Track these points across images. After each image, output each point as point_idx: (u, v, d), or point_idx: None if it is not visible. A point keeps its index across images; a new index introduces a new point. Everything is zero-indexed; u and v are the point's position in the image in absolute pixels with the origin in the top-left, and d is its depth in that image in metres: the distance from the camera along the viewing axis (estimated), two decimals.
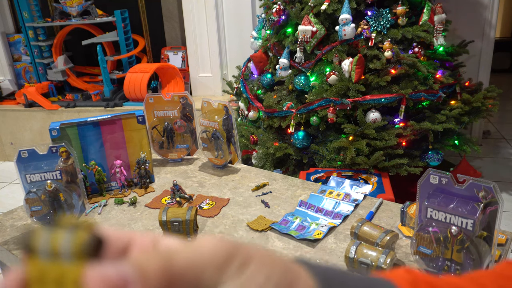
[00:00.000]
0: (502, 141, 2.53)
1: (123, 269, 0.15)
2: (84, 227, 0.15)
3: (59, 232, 0.15)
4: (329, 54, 1.61)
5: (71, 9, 3.00)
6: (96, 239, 0.15)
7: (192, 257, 0.16)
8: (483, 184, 0.90)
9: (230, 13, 2.68)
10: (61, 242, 0.15)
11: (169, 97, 1.33)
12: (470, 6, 2.16)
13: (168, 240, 0.18)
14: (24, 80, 3.32)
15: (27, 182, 0.93)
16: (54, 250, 0.15)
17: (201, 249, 0.17)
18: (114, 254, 0.17)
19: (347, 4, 1.54)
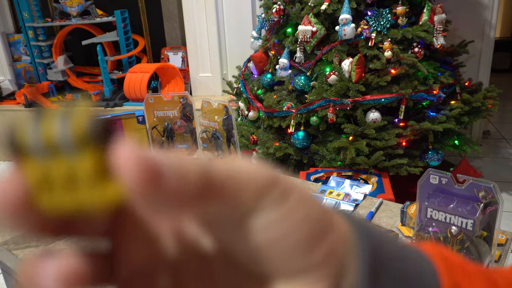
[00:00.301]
0: (502, 141, 2.53)
1: (160, 157, 0.12)
2: (79, 112, 0.12)
3: (49, 122, 0.12)
4: (329, 54, 1.61)
5: (71, 9, 3.00)
6: (98, 122, 0.12)
7: (232, 173, 0.15)
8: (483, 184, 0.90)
9: (230, 13, 2.69)
10: (56, 132, 0.12)
11: (169, 97, 1.34)
12: (470, 6, 2.16)
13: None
14: (24, 80, 3.32)
15: None
16: (50, 144, 0.12)
17: (242, 168, 0.15)
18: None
19: (347, 4, 1.54)
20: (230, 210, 0.15)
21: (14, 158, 0.12)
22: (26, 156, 0.12)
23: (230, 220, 0.15)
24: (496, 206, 0.88)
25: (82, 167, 0.12)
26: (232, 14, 2.68)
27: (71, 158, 0.12)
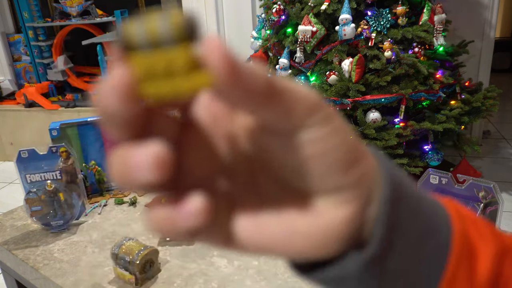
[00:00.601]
0: (502, 141, 2.53)
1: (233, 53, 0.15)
2: (175, 13, 0.14)
3: (152, 21, 0.14)
4: (329, 54, 1.61)
5: (71, 9, 3.00)
6: (191, 19, 0.14)
7: (290, 87, 0.16)
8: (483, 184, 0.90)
9: (230, 13, 2.68)
10: (158, 30, 0.14)
11: None
12: (470, 6, 2.16)
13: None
14: (24, 80, 3.32)
15: (27, 182, 0.93)
16: (152, 40, 0.14)
17: (295, 85, 0.17)
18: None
19: (347, 4, 1.54)
20: (284, 119, 0.16)
21: (123, 53, 0.14)
22: (133, 51, 0.14)
23: (282, 129, 0.17)
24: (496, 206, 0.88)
25: (179, 58, 0.14)
26: (232, 14, 2.68)
27: (170, 51, 0.14)
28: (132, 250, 0.74)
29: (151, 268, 0.75)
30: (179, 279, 0.75)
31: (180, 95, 0.14)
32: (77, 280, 0.76)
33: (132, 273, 0.72)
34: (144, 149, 0.15)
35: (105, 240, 0.91)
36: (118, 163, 0.15)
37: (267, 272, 0.75)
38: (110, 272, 0.78)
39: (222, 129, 0.18)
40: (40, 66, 3.15)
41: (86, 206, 1.06)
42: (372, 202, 0.19)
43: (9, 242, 0.92)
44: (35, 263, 0.83)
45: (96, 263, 0.82)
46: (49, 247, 0.89)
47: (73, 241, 0.91)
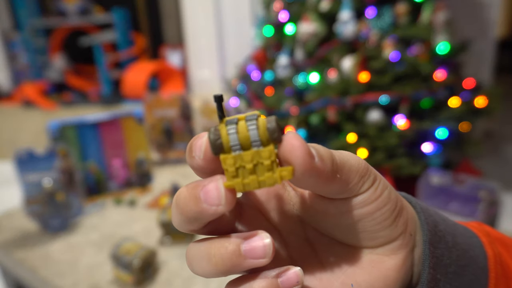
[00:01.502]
0: (503, 141, 2.53)
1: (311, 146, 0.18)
2: (261, 120, 0.17)
3: (243, 128, 0.17)
4: (329, 54, 1.61)
5: (69, 8, 2.99)
6: (274, 126, 0.17)
7: (343, 158, 0.19)
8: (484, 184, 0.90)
9: (230, 12, 2.68)
10: (250, 136, 0.17)
11: (168, 97, 1.33)
12: (472, 5, 2.16)
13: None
14: (22, 79, 3.31)
15: (25, 182, 0.93)
16: (244, 144, 0.17)
17: (348, 155, 0.20)
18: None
19: (347, 3, 1.54)
20: (342, 191, 0.19)
21: (215, 154, 0.17)
22: (225, 153, 0.17)
23: (339, 197, 0.19)
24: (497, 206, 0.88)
25: (265, 158, 0.17)
26: (232, 12, 2.67)
27: (257, 152, 0.17)
28: (131, 250, 0.73)
29: (150, 269, 0.75)
30: (179, 280, 0.74)
31: (263, 187, 0.17)
32: (76, 281, 0.76)
33: (131, 274, 0.72)
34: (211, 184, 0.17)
35: (103, 240, 0.90)
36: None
37: None
38: (109, 273, 0.77)
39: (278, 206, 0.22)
40: (38, 65, 3.14)
41: (85, 206, 1.06)
42: (416, 246, 0.21)
43: (7, 243, 0.92)
44: (33, 264, 0.82)
45: (95, 264, 0.81)
46: (48, 247, 0.89)
47: (72, 242, 0.90)
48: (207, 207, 0.17)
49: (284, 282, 0.18)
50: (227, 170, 0.17)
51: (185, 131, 1.36)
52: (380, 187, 0.20)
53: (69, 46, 3.31)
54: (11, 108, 2.94)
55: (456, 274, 0.21)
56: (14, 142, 2.92)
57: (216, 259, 0.18)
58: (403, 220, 0.20)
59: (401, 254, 0.20)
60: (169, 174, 1.27)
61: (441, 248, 0.21)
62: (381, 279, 0.20)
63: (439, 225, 0.22)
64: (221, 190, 0.17)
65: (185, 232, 0.19)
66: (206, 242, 0.19)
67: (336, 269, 0.21)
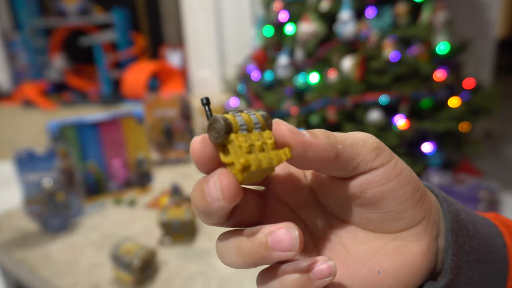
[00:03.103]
0: (503, 141, 2.53)
1: (300, 129, 0.19)
2: (258, 112, 0.20)
3: (245, 115, 0.20)
4: (329, 54, 1.61)
5: (69, 8, 2.99)
6: (266, 113, 0.20)
7: (346, 134, 0.20)
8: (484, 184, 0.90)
9: (230, 12, 2.68)
10: (252, 119, 0.19)
11: (168, 97, 1.33)
12: (472, 5, 2.16)
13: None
14: (22, 79, 3.31)
15: (25, 182, 0.93)
16: (249, 126, 0.19)
17: (353, 132, 0.20)
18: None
19: (347, 3, 1.54)
20: (351, 169, 0.19)
21: (228, 133, 0.18)
22: (234, 133, 0.18)
23: (353, 174, 0.20)
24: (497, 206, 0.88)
25: (268, 138, 0.19)
26: (232, 12, 2.67)
27: (260, 133, 0.19)
28: (131, 250, 0.73)
29: (150, 269, 0.75)
30: (178, 280, 0.74)
31: (273, 164, 0.19)
32: (76, 281, 0.76)
33: (131, 274, 0.72)
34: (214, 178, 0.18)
35: (103, 240, 0.90)
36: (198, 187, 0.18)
37: None
38: (109, 273, 0.77)
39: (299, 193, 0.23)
40: (38, 65, 3.14)
41: (85, 206, 1.06)
42: (439, 235, 0.21)
43: (7, 243, 0.92)
44: (33, 264, 0.82)
45: (95, 264, 0.81)
46: (48, 247, 0.88)
47: (72, 242, 0.90)
48: (211, 201, 0.17)
49: (316, 274, 0.18)
50: (241, 146, 0.18)
51: (185, 131, 1.36)
52: (400, 165, 0.20)
53: (69, 46, 3.30)
54: (11, 108, 2.94)
55: (477, 262, 0.21)
56: (14, 142, 2.92)
57: (244, 251, 0.18)
58: (427, 204, 0.21)
59: (425, 240, 0.20)
60: (169, 174, 1.27)
61: (463, 236, 0.21)
62: (407, 265, 0.20)
63: (461, 214, 0.22)
64: (217, 185, 0.17)
65: (210, 225, 0.20)
66: (234, 234, 0.19)
67: (362, 256, 0.21)
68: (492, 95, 1.58)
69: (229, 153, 0.18)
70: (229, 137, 0.18)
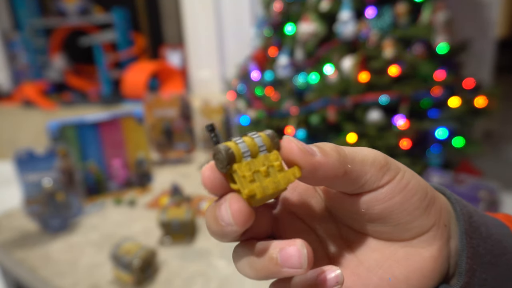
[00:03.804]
0: (503, 141, 2.53)
1: (307, 145, 0.19)
2: (263, 133, 0.19)
3: (249, 140, 0.19)
4: (329, 54, 1.61)
5: (69, 8, 2.99)
6: (272, 131, 0.19)
7: (355, 151, 0.20)
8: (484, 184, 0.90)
9: (230, 12, 2.68)
10: (257, 144, 0.19)
11: (168, 97, 1.33)
12: (472, 5, 2.16)
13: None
14: (22, 79, 3.31)
15: (25, 182, 0.93)
16: (253, 151, 0.19)
17: (361, 149, 0.20)
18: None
19: (347, 3, 1.54)
20: (359, 186, 0.20)
21: (228, 166, 0.18)
22: (237, 162, 0.18)
23: (360, 192, 0.20)
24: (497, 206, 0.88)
25: (274, 160, 0.19)
26: (232, 12, 2.67)
27: (265, 156, 0.19)
28: (131, 250, 0.73)
29: (150, 269, 0.75)
30: (178, 280, 0.74)
31: (280, 188, 0.18)
32: (76, 281, 0.76)
33: (131, 274, 0.72)
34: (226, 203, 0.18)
35: (103, 240, 0.90)
36: (210, 211, 0.19)
37: None
38: (109, 273, 0.77)
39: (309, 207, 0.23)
40: (38, 65, 3.14)
41: (85, 206, 1.06)
42: (451, 238, 0.21)
43: (7, 243, 0.92)
44: (33, 264, 0.82)
45: (95, 264, 0.81)
46: (48, 247, 0.88)
47: (72, 242, 0.90)
48: (225, 226, 0.18)
49: (324, 283, 0.19)
50: (244, 176, 0.18)
51: (185, 131, 1.36)
52: (406, 177, 0.20)
53: (69, 46, 3.30)
54: (11, 108, 2.94)
55: (491, 264, 0.22)
56: (14, 142, 2.92)
57: (255, 265, 0.19)
58: (436, 209, 0.21)
59: (436, 245, 0.21)
60: (169, 174, 1.27)
61: (477, 238, 0.21)
62: (418, 271, 0.21)
63: (473, 216, 0.22)
64: (228, 210, 0.18)
65: (227, 243, 0.20)
66: (247, 248, 0.20)
67: (373, 264, 0.21)
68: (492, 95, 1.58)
69: (236, 181, 0.18)
70: (232, 168, 0.18)
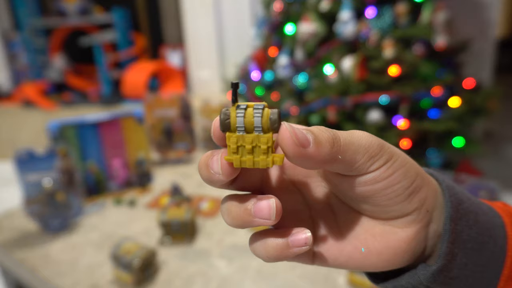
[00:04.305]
0: (503, 141, 2.53)
1: (304, 132, 0.19)
2: (266, 107, 0.20)
3: (249, 115, 0.20)
4: (329, 54, 1.61)
5: (69, 8, 2.98)
6: (277, 116, 0.20)
7: (352, 139, 0.20)
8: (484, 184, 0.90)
9: (230, 12, 2.68)
10: (254, 122, 0.20)
11: (168, 97, 1.33)
12: (472, 5, 2.16)
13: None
14: (22, 79, 3.30)
15: (25, 182, 0.93)
16: (248, 128, 0.20)
17: (358, 136, 0.21)
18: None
19: (347, 3, 1.54)
20: (349, 169, 0.21)
21: (224, 131, 0.20)
22: (231, 131, 0.20)
23: (348, 174, 0.21)
24: None
25: (262, 143, 0.20)
26: (232, 12, 2.67)
27: (257, 136, 0.20)
28: (131, 250, 0.73)
29: (150, 269, 0.75)
30: (178, 280, 0.74)
31: (256, 167, 0.20)
32: (76, 281, 0.76)
33: (131, 274, 0.72)
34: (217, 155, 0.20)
35: (103, 240, 0.90)
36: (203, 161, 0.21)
37: (267, 272, 0.74)
38: (109, 273, 0.77)
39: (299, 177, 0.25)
40: (38, 65, 3.14)
41: (85, 206, 1.06)
42: (432, 222, 0.22)
43: (8, 243, 0.92)
44: (33, 264, 0.82)
45: (95, 264, 0.81)
46: (48, 247, 0.89)
47: (72, 242, 0.90)
48: (213, 174, 0.20)
49: (294, 242, 0.21)
50: (229, 146, 0.20)
51: (185, 131, 1.36)
52: (395, 166, 0.21)
53: (69, 46, 3.30)
54: (11, 108, 2.94)
55: (474, 250, 0.22)
56: (14, 142, 2.92)
57: (232, 214, 0.21)
58: (420, 197, 0.22)
59: (413, 227, 0.22)
60: (169, 174, 1.27)
61: (462, 225, 0.22)
62: (391, 248, 0.22)
63: (464, 203, 0.23)
64: (219, 162, 0.20)
65: (215, 188, 0.22)
66: (230, 198, 0.22)
67: (351, 234, 0.23)
68: (492, 95, 1.58)
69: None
70: (226, 134, 0.20)
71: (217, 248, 0.84)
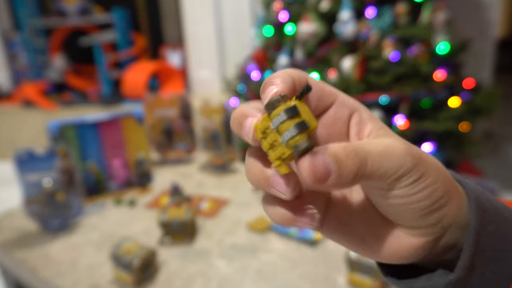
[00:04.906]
0: (503, 141, 2.53)
1: (327, 160, 0.18)
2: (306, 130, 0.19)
3: (287, 124, 0.19)
4: (329, 54, 1.61)
5: (69, 8, 2.99)
6: (304, 148, 0.18)
7: (383, 162, 0.19)
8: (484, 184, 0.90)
9: (230, 11, 2.68)
10: (283, 133, 0.19)
11: (168, 97, 1.33)
12: (472, 5, 2.16)
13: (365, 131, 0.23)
14: (22, 79, 3.31)
15: (25, 182, 0.93)
16: (278, 130, 0.19)
17: (392, 155, 0.20)
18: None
19: (347, 3, 1.54)
20: (377, 185, 0.20)
21: (267, 111, 0.20)
22: (272, 117, 0.19)
23: (376, 188, 0.20)
24: None
25: (278, 151, 0.19)
26: (232, 12, 2.67)
27: (279, 143, 0.19)
28: (131, 250, 0.73)
29: (150, 269, 0.75)
30: (178, 280, 0.74)
31: (268, 156, 0.20)
32: (76, 281, 0.76)
33: (131, 274, 0.72)
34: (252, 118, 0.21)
35: (103, 240, 0.90)
36: (236, 117, 0.21)
37: (267, 272, 0.74)
38: (109, 273, 0.77)
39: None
40: (38, 65, 3.14)
41: (85, 206, 1.06)
42: (444, 235, 0.22)
43: (8, 243, 0.92)
44: (33, 264, 0.82)
45: (95, 264, 0.81)
46: (48, 247, 0.89)
47: (72, 242, 0.90)
48: (243, 133, 0.21)
49: (302, 219, 0.21)
50: (258, 127, 0.20)
51: (185, 131, 1.36)
52: (421, 185, 0.20)
53: (69, 46, 3.30)
54: (11, 108, 2.94)
55: (492, 259, 0.22)
56: (14, 142, 2.92)
57: (251, 175, 0.21)
58: (439, 215, 0.21)
59: (420, 239, 0.21)
60: (169, 174, 1.27)
61: (485, 236, 0.22)
62: (390, 249, 0.22)
63: (488, 213, 0.22)
64: (251, 130, 0.20)
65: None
66: (254, 157, 0.22)
67: (356, 220, 0.23)
68: (492, 95, 1.58)
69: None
70: (265, 115, 0.20)
71: (217, 248, 0.84)
